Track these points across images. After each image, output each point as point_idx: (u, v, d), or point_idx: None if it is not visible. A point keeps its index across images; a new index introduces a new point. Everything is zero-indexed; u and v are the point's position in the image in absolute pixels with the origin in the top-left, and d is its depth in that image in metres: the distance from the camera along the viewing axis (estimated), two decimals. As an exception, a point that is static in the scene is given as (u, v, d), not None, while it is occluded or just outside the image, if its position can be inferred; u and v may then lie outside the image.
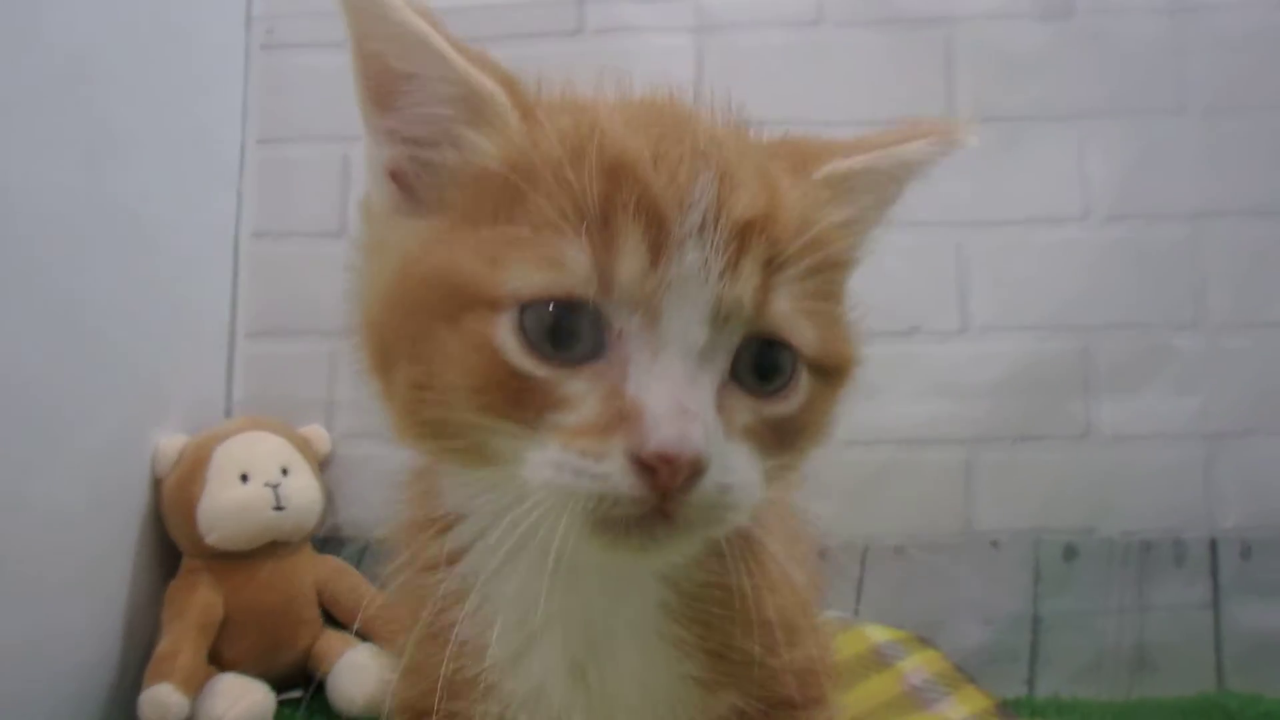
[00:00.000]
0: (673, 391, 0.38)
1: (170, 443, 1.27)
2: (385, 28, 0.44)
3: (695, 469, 0.37)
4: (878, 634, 1.19)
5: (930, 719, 1.08)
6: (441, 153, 0.44)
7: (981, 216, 1.36)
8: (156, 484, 1.27)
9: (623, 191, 0.39)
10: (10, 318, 1.01)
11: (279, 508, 1.24)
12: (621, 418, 0.38)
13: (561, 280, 0.38)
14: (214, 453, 1.25)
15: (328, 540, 1.41)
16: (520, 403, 0.38)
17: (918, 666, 1.15)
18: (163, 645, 1.15)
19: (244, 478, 1.24)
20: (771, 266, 0.41)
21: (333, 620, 1.32)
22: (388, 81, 0.45)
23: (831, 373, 0.47)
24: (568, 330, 0.39)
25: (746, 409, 0.42)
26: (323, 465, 1.39)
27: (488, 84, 0.44)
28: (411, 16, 0.43)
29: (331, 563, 1.35)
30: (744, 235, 0.40)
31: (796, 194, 0.44)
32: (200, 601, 1.19)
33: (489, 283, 0.38)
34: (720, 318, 0.40)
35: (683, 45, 1.41)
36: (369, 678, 1.15)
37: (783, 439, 0.44)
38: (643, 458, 0.37)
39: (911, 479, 1.33)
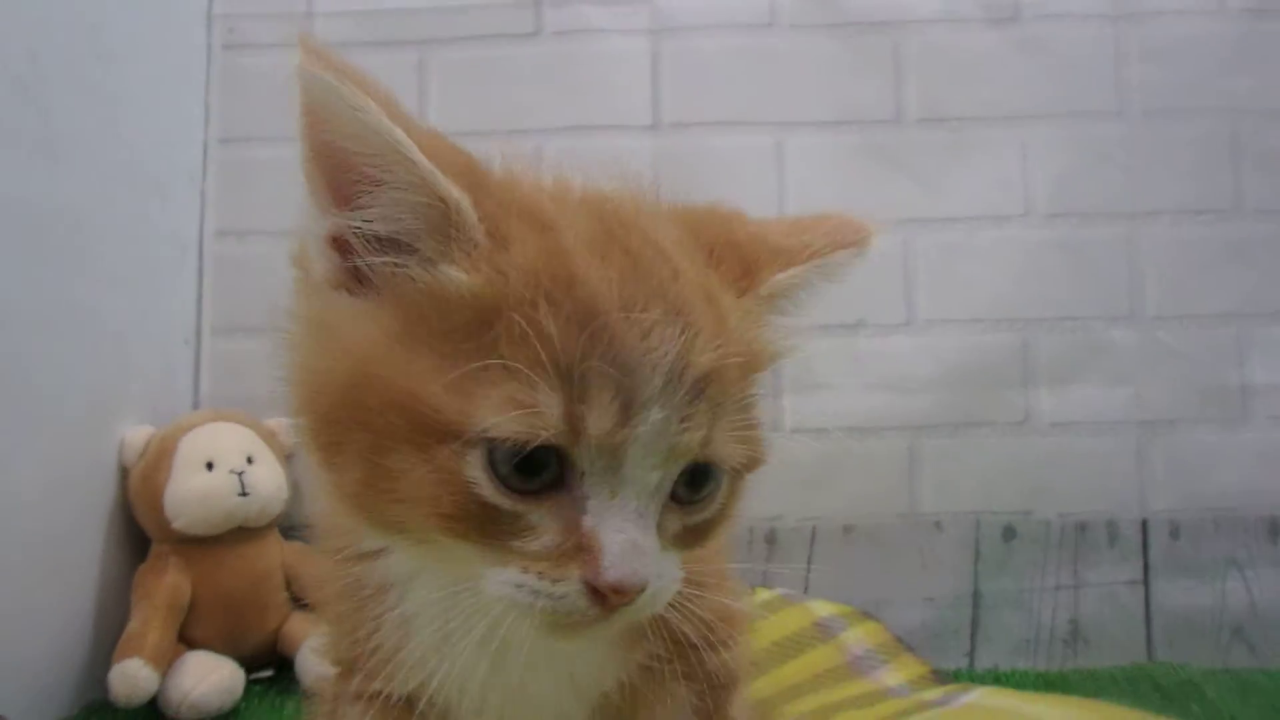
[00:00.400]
0: (627, 531, 0.41)
1: (136, 433, 1.30)
2: (351, 129, 0.42)
3: (640, 592, 0.42)
4: (821, 609, 1.24)
5: (869, 686, 1.13)
6: (403, 258, 0.44)
7: (927, 215, 1.42)
8: (124, 473, 1.30)
9: (597, 348, 0.40)
10: None
11: (244, 494, 1.27)
12: (579, 549, 0.42)
13: (534, 427, 0.39)
14: (180, 442, 1.28)
15: (294, 528, 1.44)
16: (484, 529, 0.41)
17: (859, 638, 1.21)
18: (132, 624, 1.18)
19: (209, 465, 1.27)
20: (716, 410, 0.44)
21: (301, 603, 1.35)
22: (347, 179, 0.44)
23: (746, 471, 0.50)
24: (534, 464, 0.41)
25: (677, 520, 0.47)
26: (289, 457, 1.42)
27: (454, 193, 0.43)
28: (386, 123, 0.42)
29: (298, 548, 1.38)
30: (701, 387, 0.43)
31: (742, 326, 0.47)
32: (169, 584, 1.22)
33: (461, 420, 0.39)
34: (672, 459, 0.44)
35: (639, 48, 1.45)
36: (335, 657, 1.19)
37: (701, 536, 0.49)
38: (597, 587, 0.41)
39: (858, 465, 1.38)
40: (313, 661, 1.24)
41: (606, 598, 0.41)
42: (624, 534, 0.41)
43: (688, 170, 1.45)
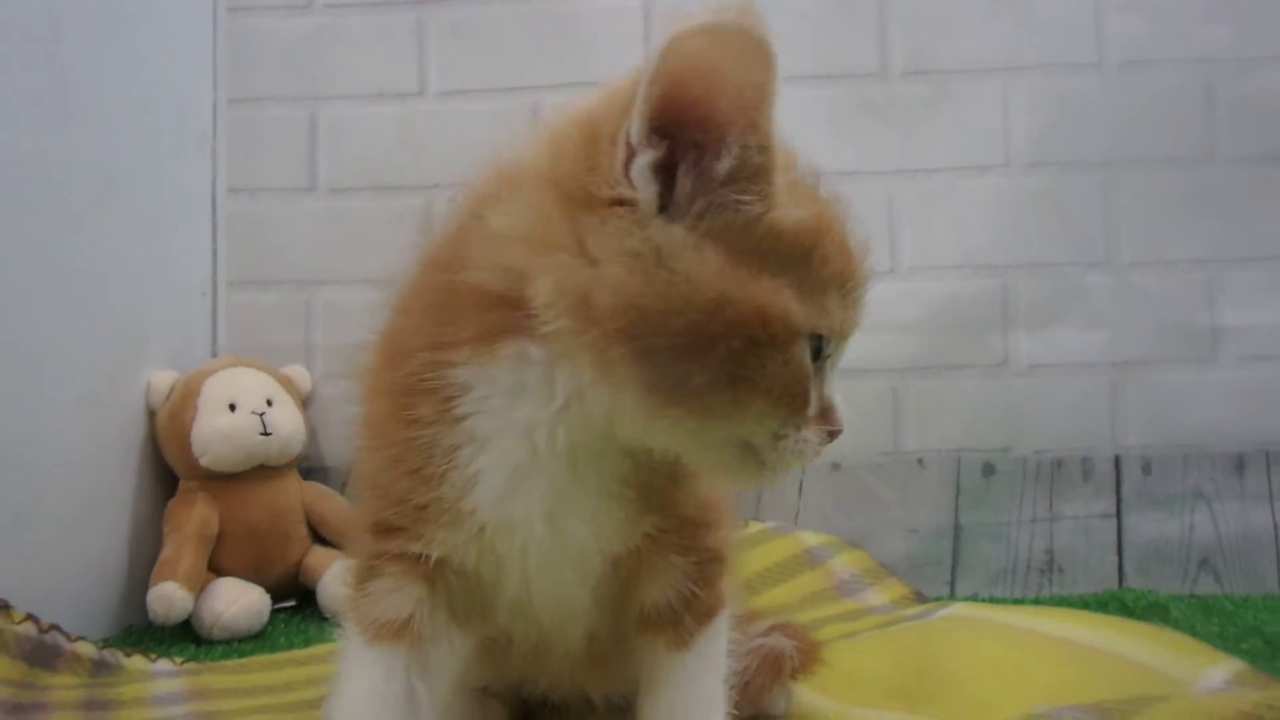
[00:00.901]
0: (837, 392, 0.57)
1: (162, 377, 1.38)
2: (744, 75, 0.49)
3: None
4: (810, 539, 1.32)
5: (854, 605, 1.21)
6: (745, 195, 0.50)
7: (911, 166, 1.48)
8: (150, 415, 1.38)
9: (859, 271, 0.56)
10: (2, 276, 1.11)
11: (265, 433, 1.35)
12: (825, 411, 0.56)
13: (830, 325, 0.54)
14: (203, 385, 1.36)
15: (312, 470, 1.53)
16: (803, 398, 0.54)
17: (845, 564, 1.28)
18: (165, 552, 1.27)
19: (232, 407, 1.35)
20: None
21: (320, 539, 1.44)
22: (703, 117, 0.49)
23: None
24: (817, 353, 0.54)
25: None
26: (305, 402, 1.51)
27: (789, 148, 0.55)
28: (773, 82, 0.50)
29: (317, 487, 1.47)
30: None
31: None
32: (198, 515, 1.31)
33: (803, 322, 0.52)
34: None
35: (632, 4, 1.51)
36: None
37: None
38: (832, 433, 0.56)
39: (846, 405, 1.45)
40: (335, 589, 1.34)
41: (830, 440, 0.56)
42: (839, 397, 0.57)
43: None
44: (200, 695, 0.92)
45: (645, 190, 0.50)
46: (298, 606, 1.40)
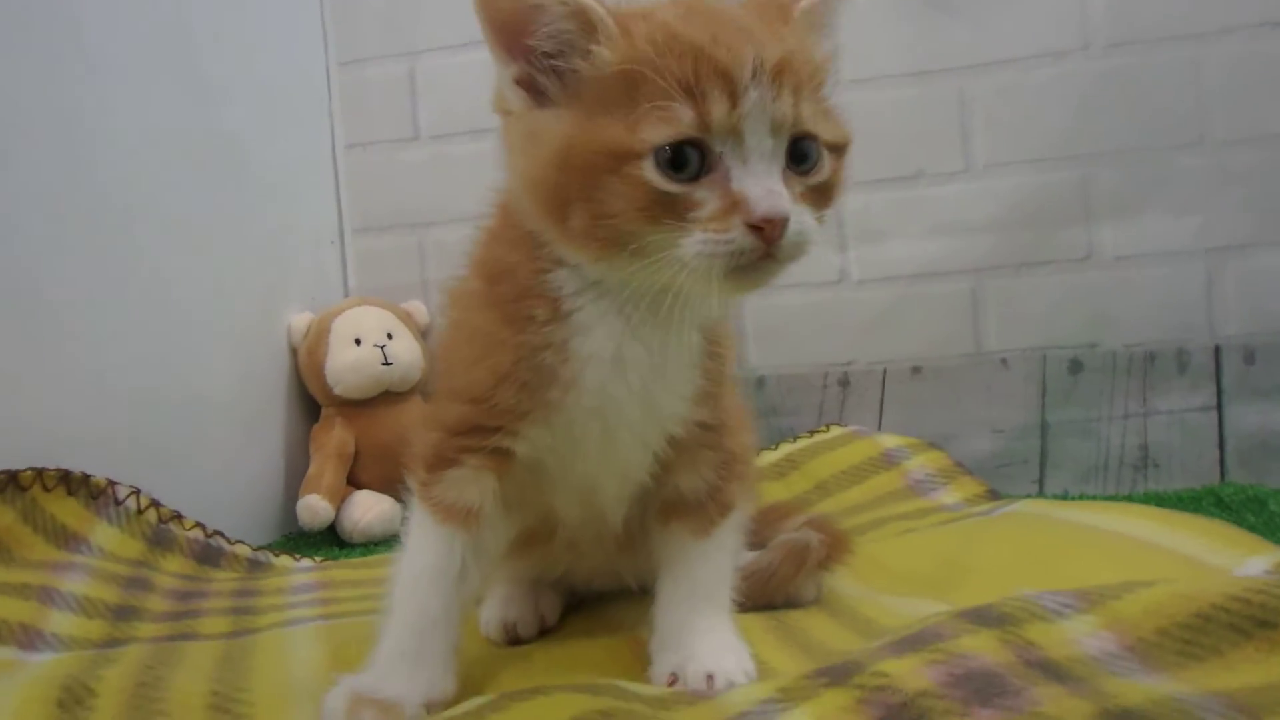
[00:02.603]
0: (761, 181, 0.59)
1: (299, 319, 1.58)
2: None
3: (784, 222, 0.60)
4: (889, 441, 1.35)
5: (924, 503, 1.24)
6: (570, 60, 0.61)
7: (981, 59, 1.44)
8: (293, 352, 1.59)
9: (704, 66, 0.58)
10: (154, 238, 1.31)
11: (387, 363, 1.53)
12: (734, 204, 0.58)
13: (679, 129, 0.58)
14: (333, 324, 1.55)
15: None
16: (669, 211, 0.60)
17: (921, 464, 1.31)
18: (311, 470, 1.49)
19: (357, 342, 1.53)
20: (796, 91, 0.60)
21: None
22: (520, 14, 0.61)
23: (839, 149, 0.66)
24: (686, 159, 0.59)
25: (798, 183, 0.63)
26: (424, 333, 1.68)
27: (595, 7, 0.60)
28: None
29: (439, 409, 1.64)
30: (777, 75, 0.59)
31: (794, 39, 0.64)
32: (337, 438, 1.51)
33: (635, 142, 0.59)
34: (776, 129, 0.61)
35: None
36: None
37: (820, 199, 0.66)
38: (753, 223, 0.59)
39: (924, 309, 1.47)
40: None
41: (763, 230, 0.59)
42: (760, 183, 0.59)
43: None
44: (327, 586, 1.11)
45: (513, 95, 0.63)
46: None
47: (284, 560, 1.25)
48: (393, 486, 1.53)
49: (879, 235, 1.45)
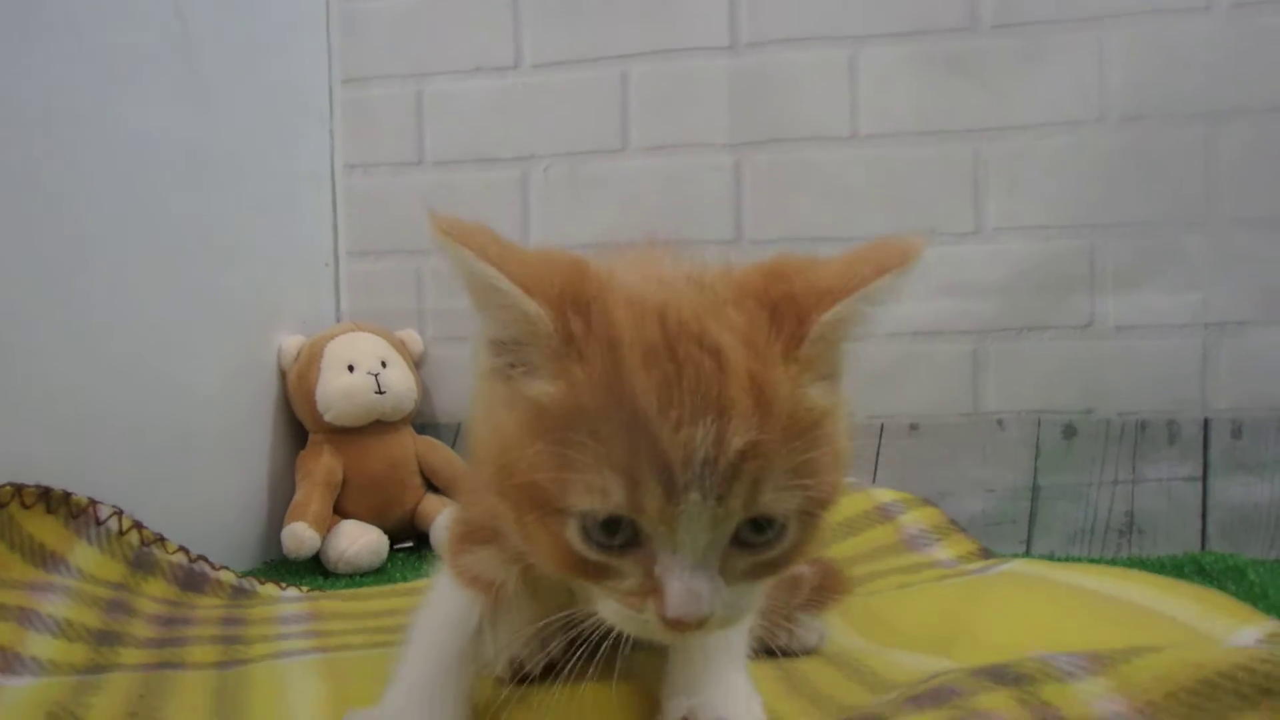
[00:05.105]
0: (684, 579, 0.53)
1: (290, 341, 1.55)
2: (462, 270, 0.54)
3: (701, 624, 0.55)
4: (883, 495, 1.36)
5: (919, 558, 1.24)
6: (518, 361, 0.55)
7: (1000, 123, 1.46)
8: (283, 375, 1.55)
9: (643, 447, 0.50)
10: (142, 251, 1.27)
11: (380, 391, 1.50)
12: (653, 588, 0.53)
13: (606, 505, 0.52)
14: (325, 348, 1.52)
15: (425, 425, 1.68)
16: (590, 574, 0.56)
17: (916, 520, 1.32)
18: (297, 497, 1.45)
19: (350, 368, 1.50)
20: (758, 480, 0.52)
21: (433, 487, 1.60)
22: (483, 289, 0.55)
23: (814, 511, 0.58)
24: (613, 529, 0.54)
25: (745, 559, 0.57)
26: (418, 363, 1.65)
27: (534, 309, 0.53)
28: (480, 264, 0.54)
29: (430, 441, 1.62)
30: (739, 464, 0.51)
31: (785, 388, 0.54)
32: (324, 464, 1.48)
33: (560, 500, 0.53)
34: (718, 524, 0.54)
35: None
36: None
37: (775, 569, 0.59)
38: (665, 618, 0.54)
39: (925, 366, 1.48)
40: (443, 535, 1.48)
41: (675, 626, 0.55)
42: (681, 582, 0.53)
43: (764, 90, 1.55)
44: (317, 617, 1.07)
45: (483, 353, 0.57)
46: (415, 547, 1.56)
47: (269, 589, 1.21)
48: (381, 517, 1.51)
49: (884, 291, 1.45)
